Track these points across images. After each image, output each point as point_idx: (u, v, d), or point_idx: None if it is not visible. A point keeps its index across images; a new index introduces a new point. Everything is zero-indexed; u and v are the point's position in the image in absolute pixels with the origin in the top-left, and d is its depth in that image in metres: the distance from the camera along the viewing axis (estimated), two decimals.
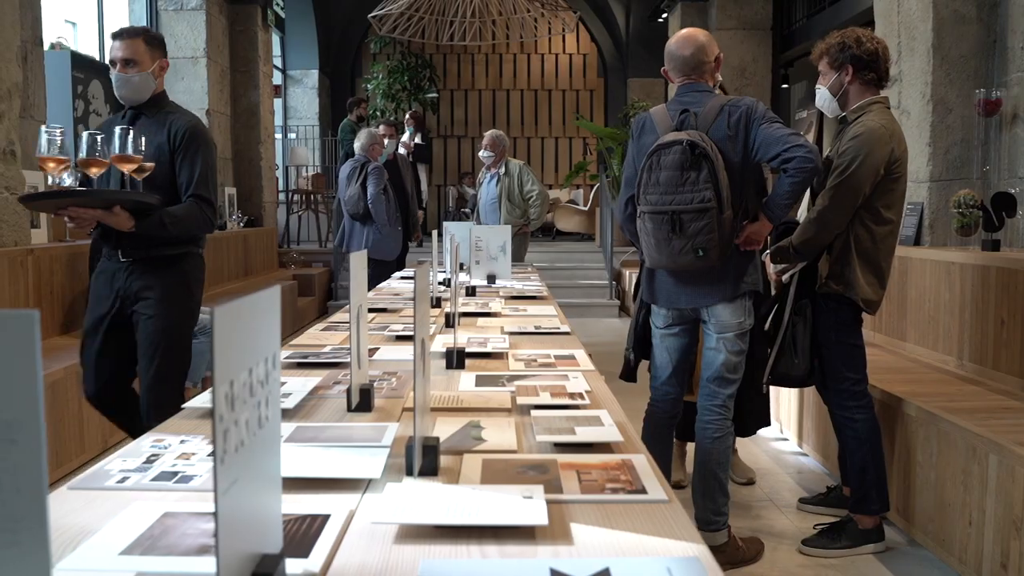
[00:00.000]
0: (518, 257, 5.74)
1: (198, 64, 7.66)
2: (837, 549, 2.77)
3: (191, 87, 7.65)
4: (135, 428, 2.88)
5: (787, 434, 4.08)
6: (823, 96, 2.83)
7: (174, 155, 2.83)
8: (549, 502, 1.11)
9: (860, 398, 2.80)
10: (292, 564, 0.94)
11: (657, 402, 2.91)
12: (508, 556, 0.99)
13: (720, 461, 2.73)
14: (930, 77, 3.98)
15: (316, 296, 8.39)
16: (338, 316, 3.03)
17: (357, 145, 5.84)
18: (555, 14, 8.41)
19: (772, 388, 4.41)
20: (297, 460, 1.28)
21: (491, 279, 4.09)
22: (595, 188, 11.36)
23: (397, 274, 4.84)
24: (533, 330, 2.67)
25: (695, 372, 3.15)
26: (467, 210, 11.56)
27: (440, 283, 3.67)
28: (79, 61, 6.17)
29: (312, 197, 10.02)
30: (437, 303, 3.37)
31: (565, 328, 2.71)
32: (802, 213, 2.82)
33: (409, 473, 1.25)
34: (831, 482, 3.44)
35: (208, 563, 0.96)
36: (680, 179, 2.47)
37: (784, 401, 4.09)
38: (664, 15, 9.91)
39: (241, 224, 7.90)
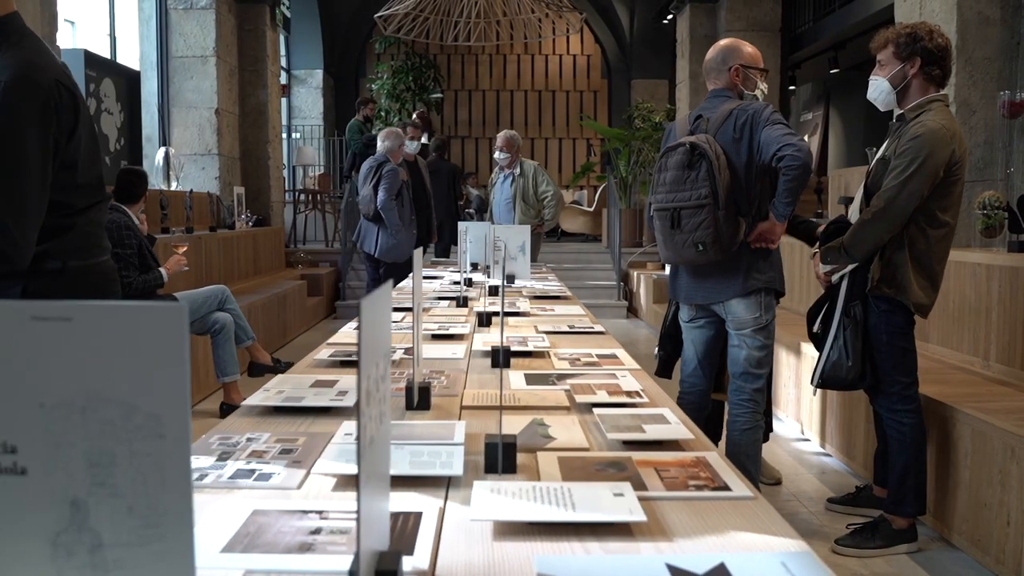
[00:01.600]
0: (532, 257, 5.72)
1: (207, 63, 7.65)
2: (871, 549, 2.76)
3: (200, 86, 7.65)
4: None
5: (809, 434, 4.07)
6: (880, 88, 2.70)
7: None
8: (639, 499, 1.11)
9: (910, 402, 2.75)
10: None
11: (685, 394, 3.01)
12: (611, 552, 0.98)
13: (749, 453, 2.81)
14: (954, 79, 3.98)
15: (324, 296, 8.37)
16: None
17: (381, 146, 5.79)
18: (560, 15, 8.40)
19: (777, 388, 4.44)
20: None
21: (510, 279, 4.09)
22: (600, 189, 11.36)
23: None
24: (567, 329, 2.68)
25: (725, 371, 3.16)
26: (471, 211, 11.48)
27: (458, 283, 3.67)
28: (92, 60, 6.16)
29: (318, 197, 10.00)
30: (464, 302, 3.36)
31: (599, 328, 2.72)
32: (854, 213, 2.77)
33: (491, 471, 1.24)
34: (856, 482, 3.44)
35: (311, 560, 0.96)
36: (682, 178, 2.65)
37: (805, 401, 4.08)
38: (671, 16, 9.91)
39: (250, 224, 7.89)
